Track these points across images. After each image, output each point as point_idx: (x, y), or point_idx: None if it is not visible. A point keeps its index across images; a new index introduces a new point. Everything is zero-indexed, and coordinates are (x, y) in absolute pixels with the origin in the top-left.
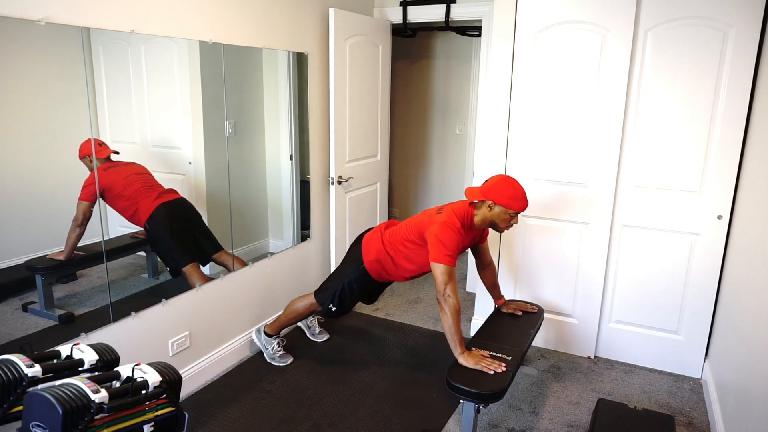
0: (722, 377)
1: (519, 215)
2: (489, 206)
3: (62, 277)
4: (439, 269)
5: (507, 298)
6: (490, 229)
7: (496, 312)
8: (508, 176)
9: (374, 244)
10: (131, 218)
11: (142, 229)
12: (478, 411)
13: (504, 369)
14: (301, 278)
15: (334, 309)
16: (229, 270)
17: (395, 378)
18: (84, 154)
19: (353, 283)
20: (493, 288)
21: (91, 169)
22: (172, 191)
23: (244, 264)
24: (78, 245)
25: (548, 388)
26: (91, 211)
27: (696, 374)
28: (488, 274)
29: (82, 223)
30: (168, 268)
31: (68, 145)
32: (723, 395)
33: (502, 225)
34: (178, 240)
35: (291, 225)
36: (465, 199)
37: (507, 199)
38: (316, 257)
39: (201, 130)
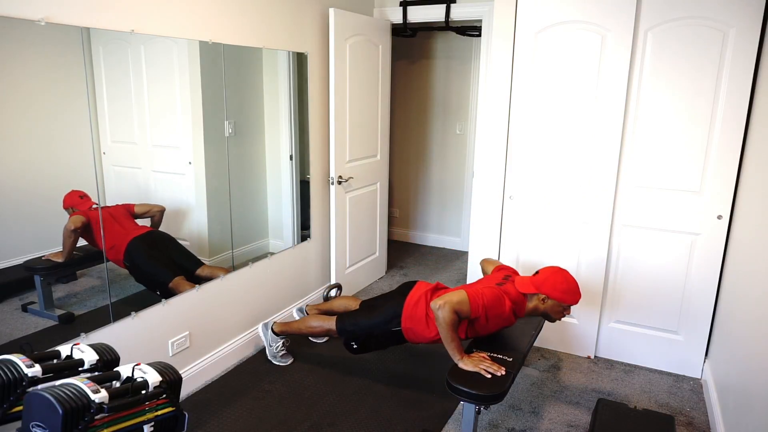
0: (722, 377)
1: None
2: (542, 300)
3: (62, 278)
4: (455, 293)
5: None
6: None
7: None
8: (562, 269)
9: (418, 312)
10: (110, 257)
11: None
12: (478, 412)
13: (503, 372)
14: (301, 278)
15: (355, 347)
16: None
17: (395, 378)
18: (68, 205)
19: (382, 337)
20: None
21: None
22: (144, 227)
23: (227, 271)
24: (77, 245)
25: (548, 388)
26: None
27: (696, 374)
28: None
29: (74, 230)
30: (159, 293)
31: (68, 144)
32: (723, 395)
33: (555, 317)
34: (157, 262)
35: (291, 225)
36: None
37: (561, 294)
38: (316, 257)
39: (201, 130)
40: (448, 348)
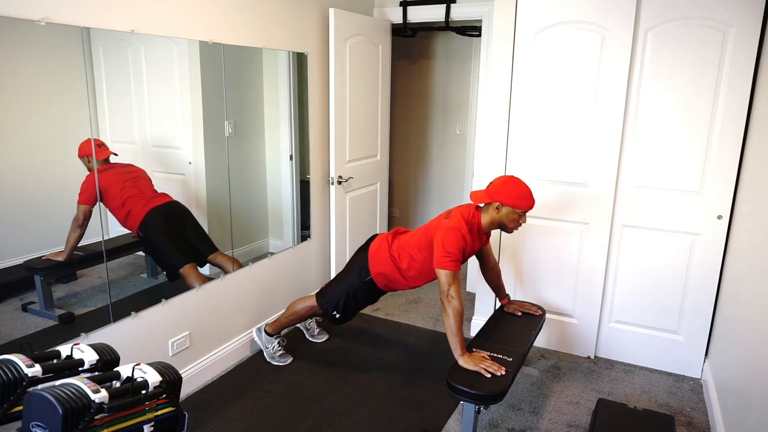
0: (722, 377)
1: (526, 214)
2: (496, 208)
3: (62, 277)
4: (443, 273)
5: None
6: (491, 231)
7: (499, 312)
8: (513, 176)
9: (381, 255)
10: (124, 223)
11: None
12: (478, 412)
13: (503, 372)
14: (301, 278)
15: (338, 316)
16: (225, 271)
17: (395, 378)
18: (83, 154)
19: (358, 292)
20: (498, 289)
21: (90, 170)
22: (164, 195)
23: (240, 265)
24: (78, 245)
25: (548, 388)
26: (91, 212)
27: (696, 374)
28: (493, 275)
29: (82, 224)
30: (165, 273)
31: (68, 144)
32: (723, 395)
33: (510, 225)
34: (172, 243)
35: (291, 225)
36: (470, 202)
37: (514, 199)
38: (316, 257)
39: (201, 130)
40: (452, 341)
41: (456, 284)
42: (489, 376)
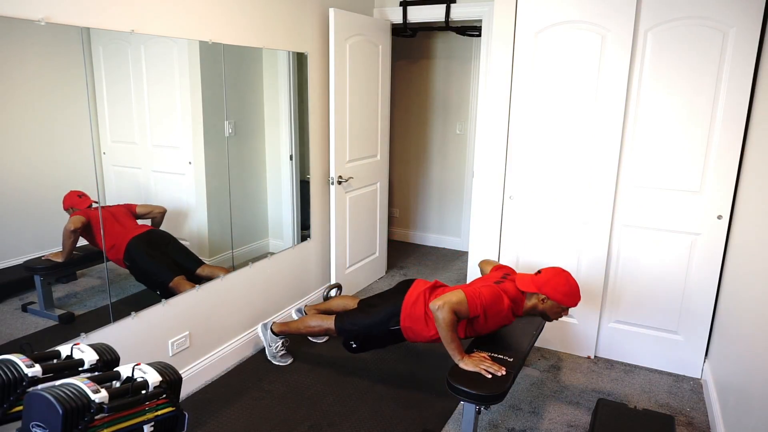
0: (722, 377)
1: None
2: (542, 300)
3: (62, 277)
4: (453, 293)
5: None
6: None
7: None
8: (564, 270)
9: (417, 311)
10: (110, 257)
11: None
12: (478, 412)
13: (503, 372)
14: (301, 278)
15: (354, 347)
16: (215, 279)
17: (395, 378)
18: (68, 206)
19: (381, 336)
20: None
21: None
22: (144, 226)
23: (227, 271)
24: (77, 245)
25: (548, 388)
26: (81, 229)
27: (696, 374)
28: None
29: (74, 231)
30: (159, 293)
31: (68, 144)
32: (723, 395)
33: (552, 317)
34: (158, 262)
35: (291, 225)
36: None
37: (562, 296)
38: (316, 257)
39: (201, 130)
40: (449, 348)
41: (452, 310)
42: (489, 376)
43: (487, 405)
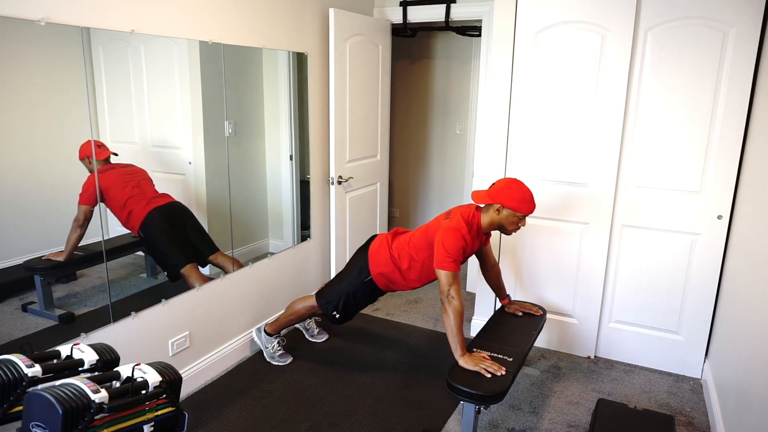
0: (722, 377)
1: (526, 218)
2: (497, 210)
3: (62, 277)
4: (443, 274)
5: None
6: (492, 231)
7: (499, 312)
8: (516, 179)
9: (382, 255)
10: (125, 223)
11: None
12: (478, 412)
13: (503, 372)
14: (301, 278)
15: (337, 316)
16: (225, 271)
17: (395, 378)
18: (84, 155)
19: (358, 292)
20: (498, 289)
21: (91, 171)
22: (165, 195)
23: (241, 265)
24: (78, 245)
25: (548, 388)
26: (92, 212)
27: (696, 374)
28: (493, 275)
29: (83, 224)
30: (166, 273)
31: (68, 144)
32: (723, 395)
33: (510, 228)
34: (173, 243)
35: (291, 225)
36: (471, 201)
37: (516, 202)
38: (316, 257)
39: (201, 130)
40: (453, 341)
41: (456, 284)
42: (489, 376)
43: (486, 405)
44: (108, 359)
